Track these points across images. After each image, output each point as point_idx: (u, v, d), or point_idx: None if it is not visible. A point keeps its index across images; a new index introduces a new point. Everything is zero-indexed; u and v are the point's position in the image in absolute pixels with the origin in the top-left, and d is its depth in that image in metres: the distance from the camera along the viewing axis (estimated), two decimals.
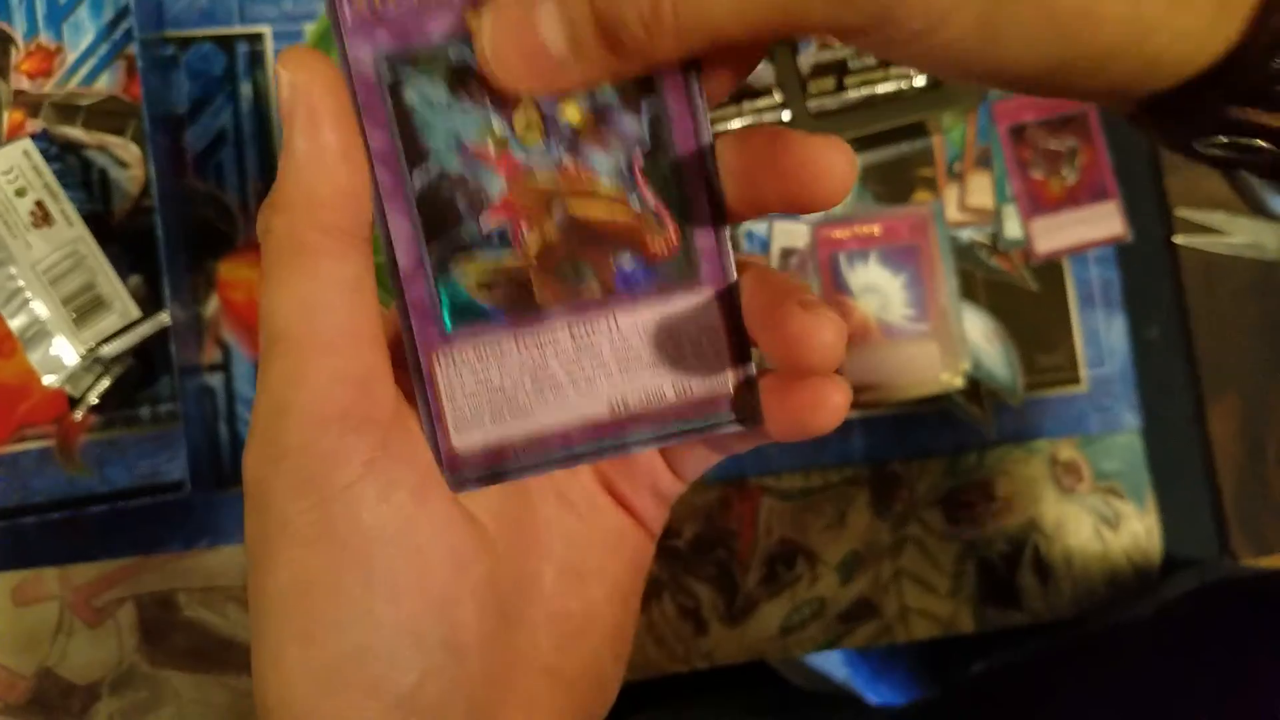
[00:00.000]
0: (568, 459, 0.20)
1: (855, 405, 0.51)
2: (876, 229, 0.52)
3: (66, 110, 0.47)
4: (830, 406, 0.18)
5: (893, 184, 0.54)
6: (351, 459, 0.18)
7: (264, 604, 0.18)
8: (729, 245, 0.20)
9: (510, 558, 0.21)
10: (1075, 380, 0.54)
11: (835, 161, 0.17)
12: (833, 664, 0.81)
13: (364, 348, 0.18)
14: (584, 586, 0.22)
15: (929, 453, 0.52)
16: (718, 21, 0.17)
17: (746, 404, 0.20)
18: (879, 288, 0.52)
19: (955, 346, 0.52)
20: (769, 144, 0.18)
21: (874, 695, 0.73)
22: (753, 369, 0.20)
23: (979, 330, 0.53)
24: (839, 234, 0.52)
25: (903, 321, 0.52)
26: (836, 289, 0.51)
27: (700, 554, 0.50)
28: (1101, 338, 0.55)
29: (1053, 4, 0.18)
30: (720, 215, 0.20)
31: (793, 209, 0.18)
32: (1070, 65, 0.19)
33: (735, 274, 0.20)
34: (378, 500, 0.18)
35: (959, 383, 0.51)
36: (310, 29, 0.49)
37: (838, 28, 0.18)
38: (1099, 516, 0.54)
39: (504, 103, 0.19)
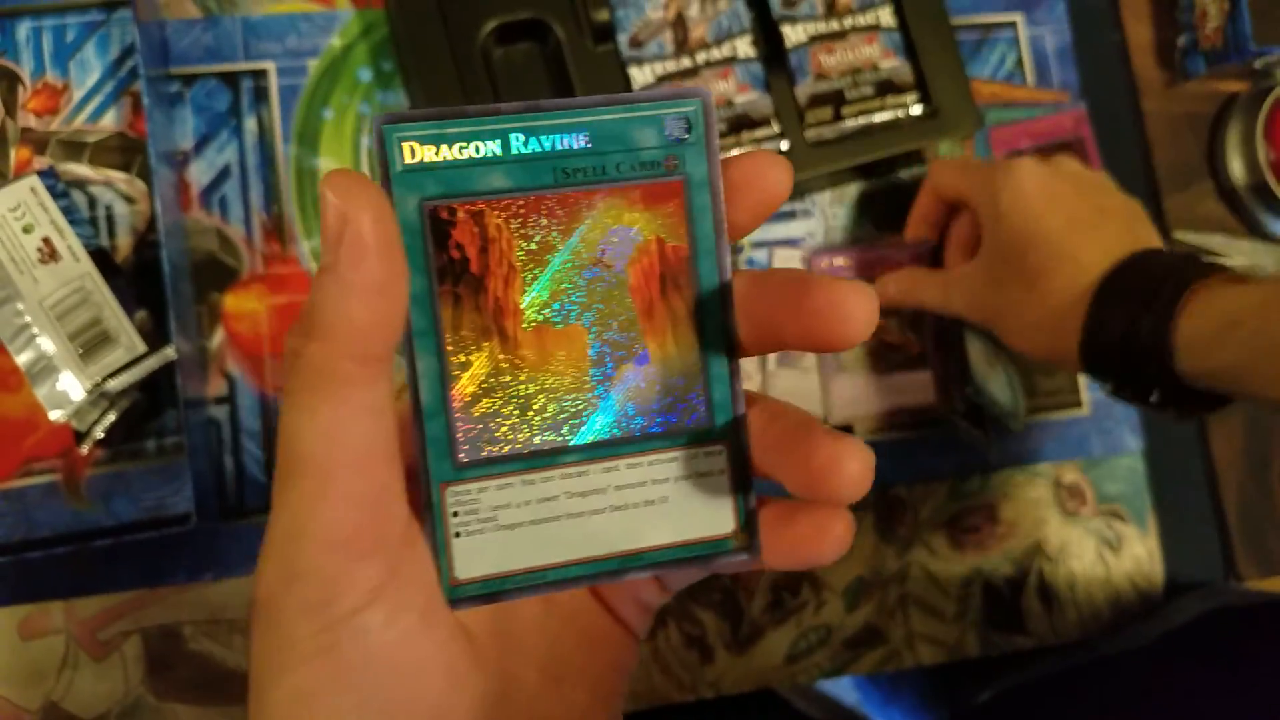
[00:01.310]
0: (564, 583, 0.21)
1: (857, 432, 0.51)
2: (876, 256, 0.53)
3: (73, 147, 0.48)
4: (832, 538, 0.18)
5: (891, 211, 0.54)
6: (359, 585, 0.18)
7: (264, 717, 0.19)
8: (739, 383, 0.21)
9: (496, 664, 0.21)
10: (1077, 403, 0.54)
11: (860, 305, 0.18)
12: (843, 688, 0.81)
13: (379, 469, 0.19)
14: (566, 688, 0.22)
15: (932, 476, 0.52)
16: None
17: (746, 536, 0.21)
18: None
19: (955, 372, 0.52)
20: (791, 288, 0.19)
21: None
22: (753, 501, 0.21)
23: (980, 355, 0.53)
24: (839, 261, 0.52)
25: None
26: None
27: (705, 581, 0.50)
28: None
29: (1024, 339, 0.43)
30: (733, 354, 0.20)
31: (811, 348, 0.19)
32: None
33: (743, 409, 0.20)
34: (384, 626, 0.19)
35: (959, 407, 0.51)
36: (314, 65, 0.50)
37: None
38: (1101, 539, 0.54)
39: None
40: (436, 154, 0.19)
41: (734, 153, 0.49)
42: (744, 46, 0.50)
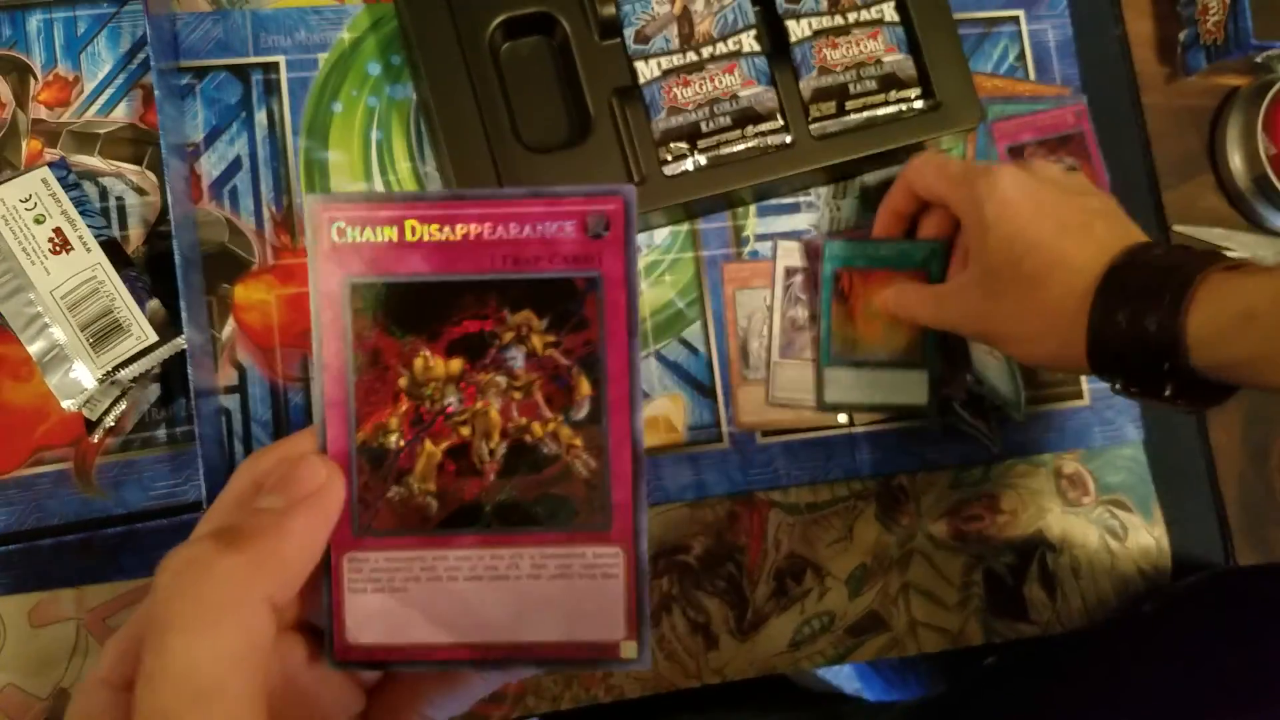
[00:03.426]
0: (450, 665, 0.21)
1: (854, 422, 0.52)
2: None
3: (84, 139, 0.48)
4: None
5: None
6: None
7: None
8: (644, 501, 0.21)
9: None
10: (1078, 394, 0.55)
11: None
12: (844, 679, 0.81)
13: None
14: None
15: (934, 466, 0.53)
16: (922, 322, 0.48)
17: (637, 648, 0.21)
18: None
19: (956, 361, 0.53)
20: None
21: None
22: (647, 613, 0.21)
23: (982, 346, 0.53)
24: None
25: None
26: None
27: (710, 568, 0.51)
28: None
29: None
30: (639, 472, 0.21)
31: None
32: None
33: (644, 528, 0.21)
34: None
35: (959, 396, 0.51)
36: (323, 58, 0.50)
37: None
38: (1106, 529, 0.54)
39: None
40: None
41: (739, 148, 0.49)
42: (749, 41, 0.50)
